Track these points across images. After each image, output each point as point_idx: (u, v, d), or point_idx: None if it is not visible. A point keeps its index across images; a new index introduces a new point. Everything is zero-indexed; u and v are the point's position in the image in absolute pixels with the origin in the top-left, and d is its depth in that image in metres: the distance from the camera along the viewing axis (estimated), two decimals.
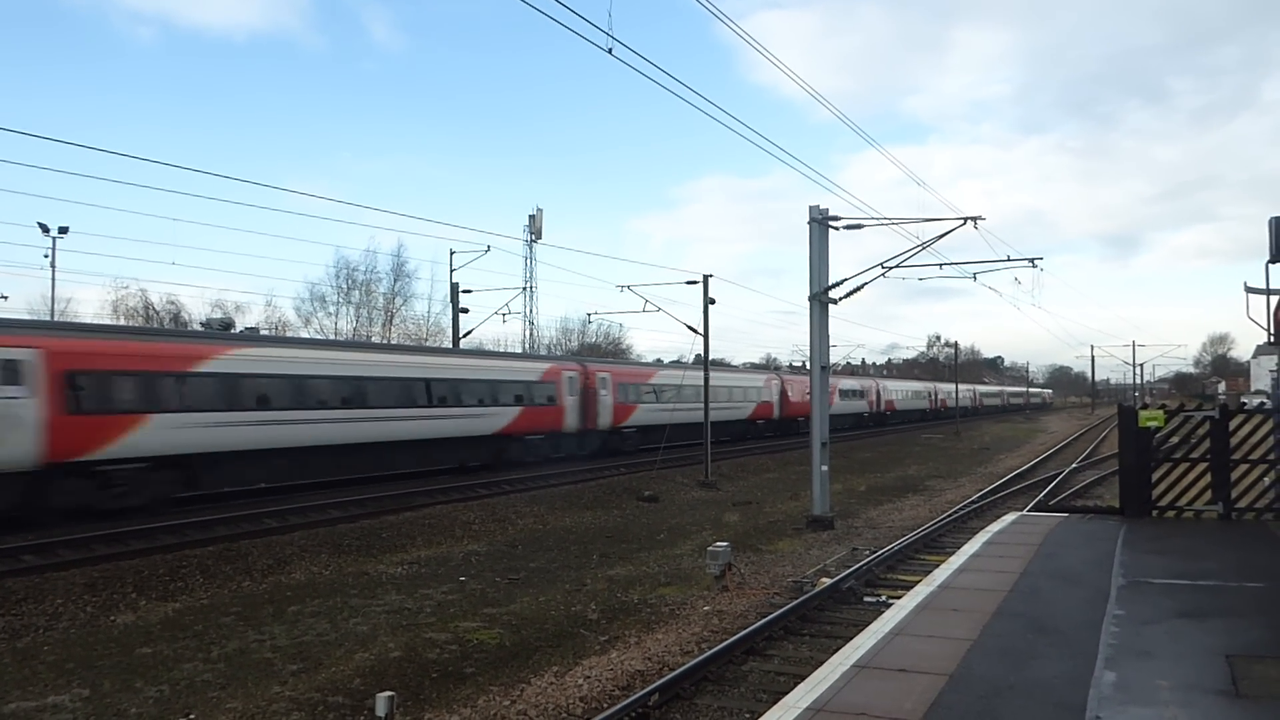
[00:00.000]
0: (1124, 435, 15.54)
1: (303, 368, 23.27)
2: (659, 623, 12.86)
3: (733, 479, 32.77)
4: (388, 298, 56.43)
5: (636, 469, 33.02)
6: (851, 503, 26.63)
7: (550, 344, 68.18)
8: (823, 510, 21.74)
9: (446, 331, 45.78)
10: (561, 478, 29.63)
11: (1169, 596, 9.35)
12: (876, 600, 13.51)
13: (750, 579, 15.60)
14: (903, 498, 28.39)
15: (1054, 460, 41.56)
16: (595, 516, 23.57)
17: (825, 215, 22.00)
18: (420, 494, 24.91)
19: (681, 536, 20.46)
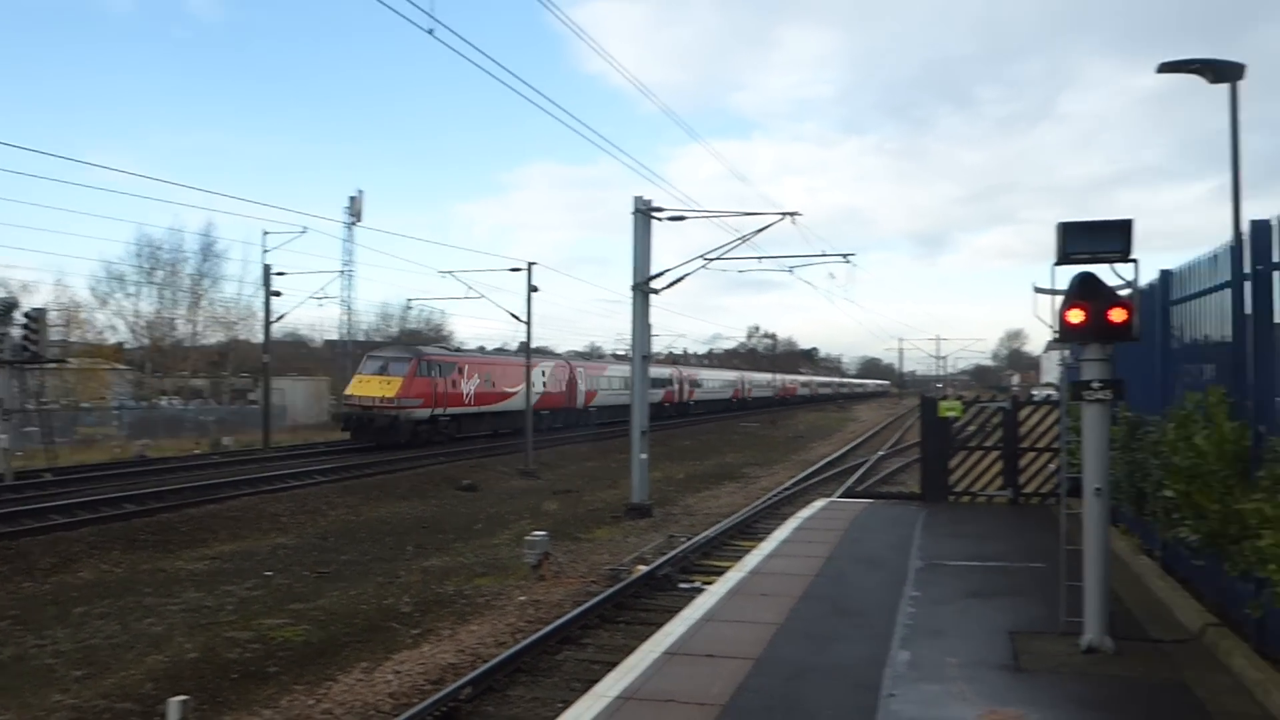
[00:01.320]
0: (925, 425, 16.42)
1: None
2: (474, 614, 12.73)
3: (554, 467, 32.80)
4: (194, 279, 53.62)
5: (456, 458, 32.60)
6: (670, 490, 27.09)
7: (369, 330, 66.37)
8: (641, 498, 22.02)
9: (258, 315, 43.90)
10: (376, 467, 28.94)
11: (961, 578, 9.92)
12: (691, 586, 13.77)
13: (568, 568, 15.65)
14: (720, 485, 29.09)
15: (863, 448, 43.50)
16: (411, 506, 23.13)
17: (649, 206, 22.25)
18: (225, 485, 23.81)
19: (499, 526, 20.32)
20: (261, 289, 37.57)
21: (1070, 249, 6.92)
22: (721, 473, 32.77)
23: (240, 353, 56.53)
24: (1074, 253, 6.93)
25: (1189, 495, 7.12)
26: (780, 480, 29.55)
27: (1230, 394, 7.10)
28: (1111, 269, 6.99)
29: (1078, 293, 6.99)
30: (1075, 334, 7.05)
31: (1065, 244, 6.92)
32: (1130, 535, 11.14)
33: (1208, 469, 6.88)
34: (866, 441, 47.90)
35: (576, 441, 41.87)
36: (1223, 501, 6.70)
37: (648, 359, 23.02)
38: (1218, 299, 7.58)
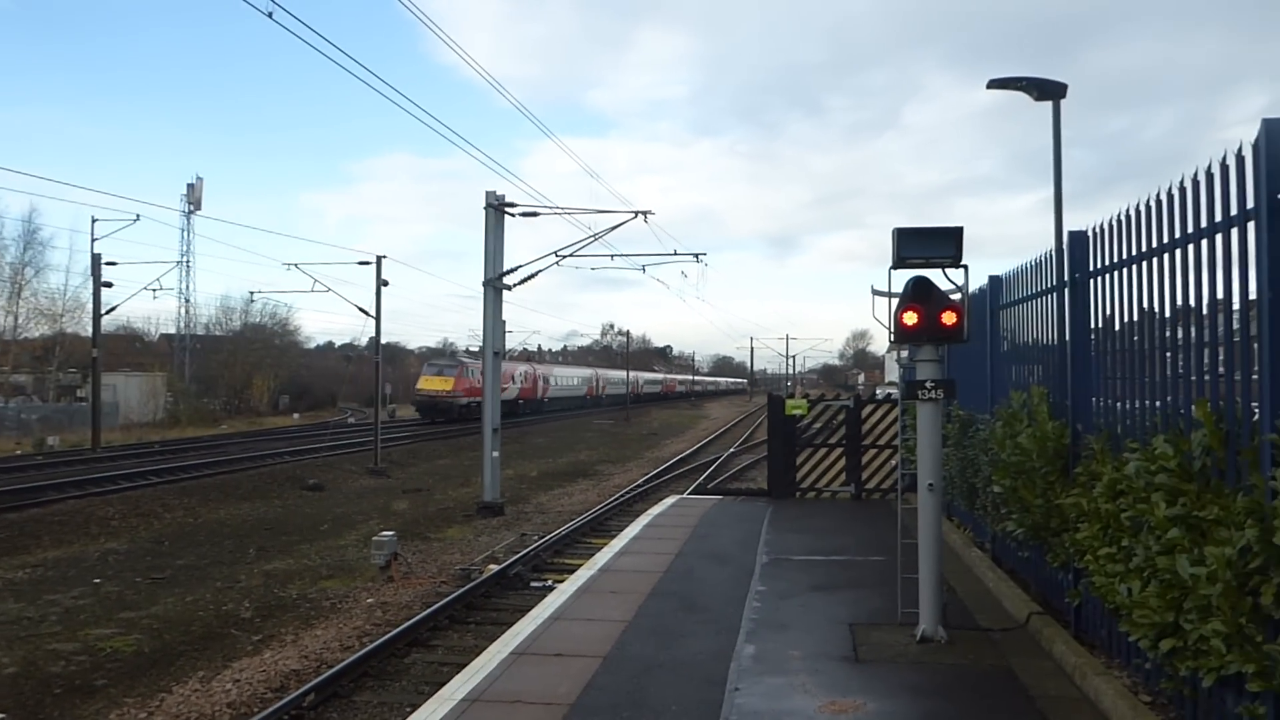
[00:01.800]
0: (772, 423, 16.83)
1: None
2: (319, 618, 12.38)
3: (404, 466, 32.20)
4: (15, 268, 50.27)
5: (301, 456, 31.63)
6: (523, 488, 26.96)
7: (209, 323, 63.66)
8: (494, 496, 21.85)
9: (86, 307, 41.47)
10: (217, 467, 27.80)
11: (805, 572, 10.21)
12: (543, 585, 13.75)
13: (417, 568, 15.39)
14: (573, 482, 29.10)
15: (715, 445, 44.24)
16: (254, 508, 22.32)
17: (501, 202, 22.07)
18: (49, 487, 22.47)
19: (347, 526, 19.83)
20: (90, 279, 35.58)
21: (905, 254, 7.20)
22: (575, 470, 32.80)
23: (68, 347, 53.33)
24: (909, 257, 7.21)
25: (1015, 490, 7.51)
26: (633, 477, 29.78)
27: (1052, 394, 7.53)
28: (944, 274, 7.32)
29: (911, 296, 7.29)
30: (909, 335, 7.35)
31: (900, 249, 7.20)
32: (963, 529, 11.68)
33: (1031, 465, 7.27)
34: (718, 439, 48.75)
35: (429, 439, 41.21)
36: (1045, 496, 7.10)
37: (500, 355, 22.84)
38: (1041, 304, 8.02)
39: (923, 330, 7.29)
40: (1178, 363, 5.29)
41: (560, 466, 33.93)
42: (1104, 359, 6.48)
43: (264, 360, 62.10)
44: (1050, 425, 7.18)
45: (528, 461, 34.79)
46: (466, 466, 31.74)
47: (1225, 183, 4.65)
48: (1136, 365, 5.85)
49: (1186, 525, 4.60)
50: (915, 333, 7.31)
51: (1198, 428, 4.74)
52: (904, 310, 7.27)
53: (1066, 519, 6.53)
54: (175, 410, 51.03)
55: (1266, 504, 4.05)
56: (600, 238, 23.64)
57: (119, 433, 41.58)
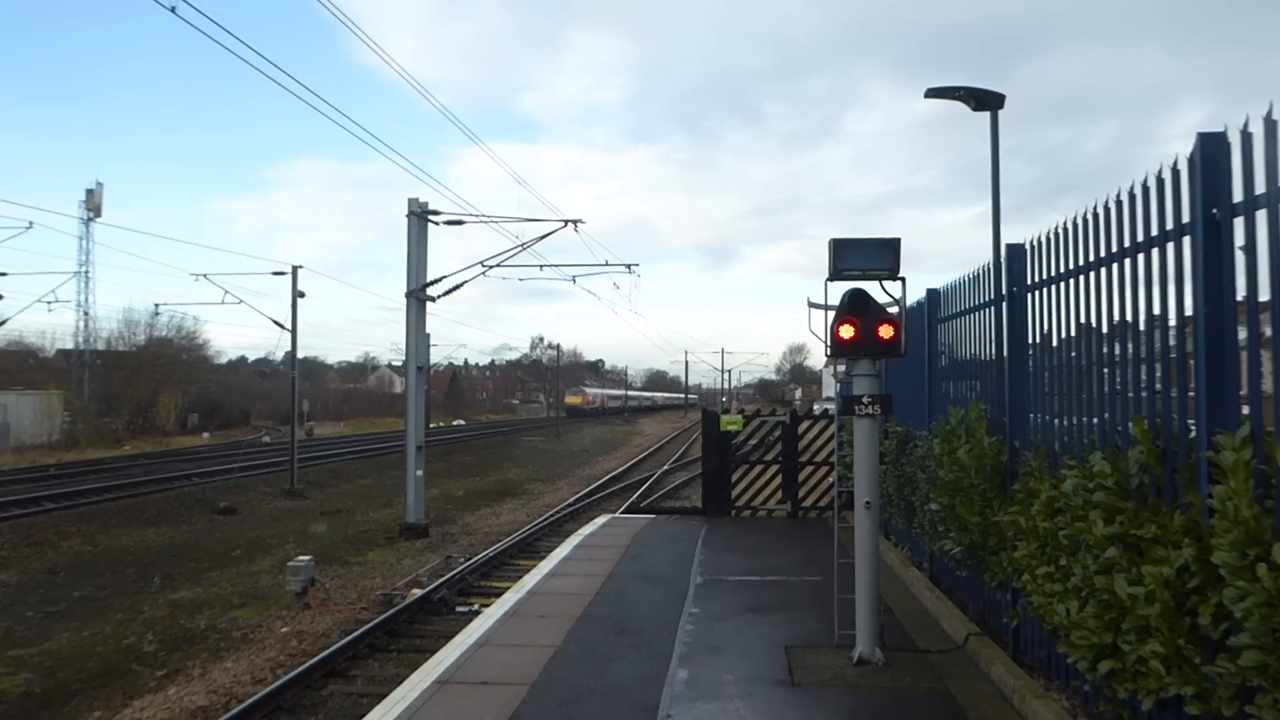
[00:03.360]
0: (707, 439, 16.88)
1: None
2: (230, 650, 12.08)
3: (322, 486, 31.68)
4: None
5: (212, 478, 30.93)
6: (449, 509, 26.70)
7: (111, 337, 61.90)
8: (417, 517, 21.59)
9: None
10: (119, 490, 27.04)
11: (740, 593, 10.23)
12: (469, 610, 13.61)
13: (336, 594, 15.13)
14: (501, 502, 28.90)
15: (649, 462, 44.29)
16: (159, 533, 21.76)
17: (425, 209, 21.89)
18: None
19: (260, 551, 19.43)
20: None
21: (842, 265, 7.27)
22: (503, 489, 32.57)
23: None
24: (846, 269, 7.28)
25: (953, 508, 7.60)
26: (563, 496, 29.65)
27: (990, 410, 7.64)
28: (882, 286, 7.40)
29: (848, 308, 7.36)
30: (846, 349, 7.41)
31: (838, 260, 7.26)
32: (901, 547, 11.81)
33: (969, 483, 7.37)
34: (652, 456, 48.80)
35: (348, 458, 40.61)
36: (983, 514, 7.20)
37: (424, 370, 22.61)
38: (978, 318, 8.15)
39: (860, 344, 7.37)
40: (1115, 379, 5.40)
41: (488, 485, 33.66)
42: (1041, 375, 6.59)
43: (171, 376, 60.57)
44: (988, 442, 7.29)
45: (454, 480, 34.46)
46: (389, 486, 31.32)
47: (1161, 197, 4.75)
48: (1074, 381, 5.95)
49: (1124, 544, 4.68)
50: (852, 346, 7.38)
51: (1135, 445, 4.83)
52: (840, 323, 7.34)
53: (1004, 537, 6.63)
54: (73, 431, 49.49)
55: (1203, 523, 4.13)
56: (529, 247, 23.58)
57: (10, 455, 40.28)
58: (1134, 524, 4.65)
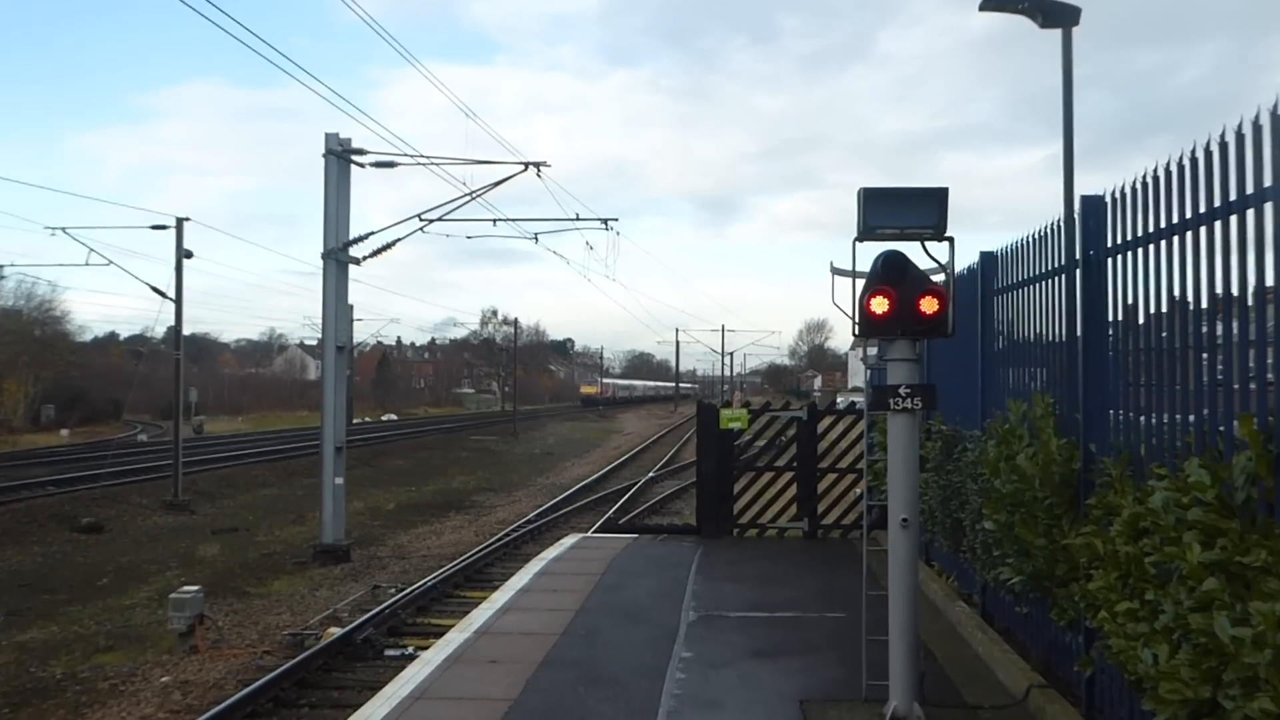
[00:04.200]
0: (703, 439, 16.90)
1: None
2: (94, 705, 12.07)
3: (215, 498, 31.65)
4: None
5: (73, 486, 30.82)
6: (376, 526, 26.72)
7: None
8: (336, 537, 21.58)
9: None
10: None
11: (743, 632, 10.26)
12: (401, 654, 13.62)
13: (232, 634, 15.12)
14: (443, 518, 28.93)
15: (629, 468, 44.38)
16: (4, 556, 21.69)
17: (347, 147, 21.83)
18: None
19: (135, 580, 19.41)
20: None
21: (874, 222, 7.26)
22: (445, 501, 32.60)
23: None
24: (879, 226, 7.27)
25: (1011, 528, 7.63)
26: (522, 511, 29.70)
27: (1059, 405, 7.66)
28: (924, 248, 7.40)
29: (881, 276, 7.35)
30: (879, 327, 7.41)
31: (869, 216, 7.25)
32: (946, 576, 11.86)
33: (1032, 496, 7.39)
34: (633, 460, 48.89)
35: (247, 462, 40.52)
36: (1049, 535, 7.22)
37: (346, 351, 22.56)
38: (1045, 289, 8.16)
39: (896, 320, 7.36)
40: (1217, 366, 5.38)
41: (426, 496, 33.68)
42: (1124, 361, 6.60)
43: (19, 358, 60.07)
44: (1056, 444, 7.30)
45: (383, 490, 34.47)
46: (299, 497, 31.31)
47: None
48: (1166, 369, 5.94)
49: (1226, 574, 4.68)
50: (886, 324, 7.37)
51: (1241, 449, 4.82)
52: (872, 294, 7.33)
53: (1076, 564, 6.64)
54: None
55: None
56: (479, 197, 23.53)
57: None
58: (1239, 549, 4.65)
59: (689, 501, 29.77)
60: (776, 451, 17.17)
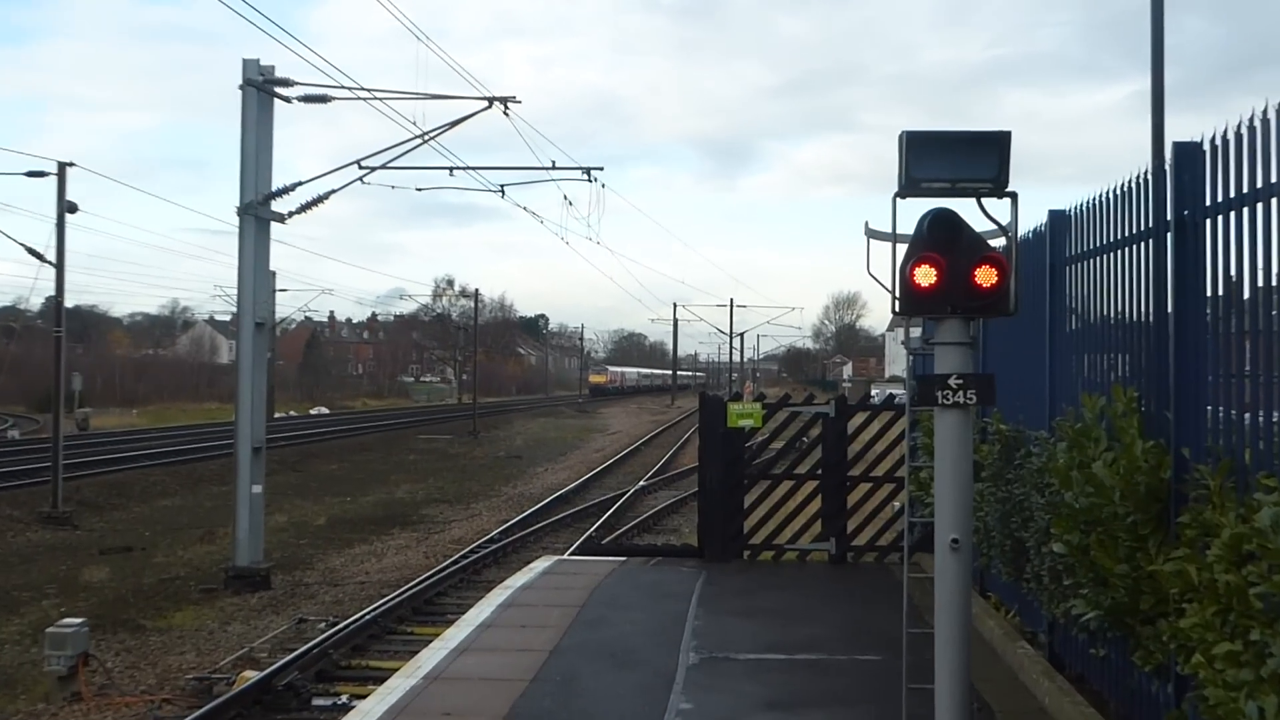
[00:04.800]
0: (707, 440, 16.88)
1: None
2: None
3: (104, 509, 31.64)
4: None
5: None
6: (303, 545, 26.70)
7: None
8: (253, 558, 21.55)
9: None
10: None
11: (756, 679, 10.27)
12: (333, 703, 13.62)
13: (124, 678, 15.11)
14: (386, 535, 28.91)
15: (615, 475, 44.35)
16: None
17: (270, 77, 21.74)
18: None
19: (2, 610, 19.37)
20: None
21: (919, 173, 7.23)
22: (389, 514, 32.60)
23: None
24: (926, 179, 7.24)
25: (1085, 551, 7.63)
26: (483, 527, 29.70)
27: (1144, 400, 7.65)
28: (980, 206, 7.38)
29: (928, 240, 7.31)
30: (924, 303, 7.37)
31: (913, 165, 7.21)
32: (1005, 610, 11.87)
33: (1111, 511, 7.39)
34: (621, 464, 48.90)
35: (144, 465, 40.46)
36: (1131, 561, 7.22)
37: (266, 328, 22.52)
38: (1129, 257, 8.15)
39: (945, 295, 7.34)
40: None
41: (364, 509, 33.67)
42: (1226, 346, 6.59)
43: None
44: (1141, 448, 7.30)
45: (312, 501, 34.46)
46: (207, 509, 31.30)
47: None
48: (1277, 356, 5.92)
49: None
50: (933, 299, 7.35)
51: None
52: (916, 263, 7.30)
53: (1165, 596, 6.65)
54: None
55: None
56: (433, 139, 23.46)
57: None
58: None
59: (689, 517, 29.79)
60: (797, 455, 17.20)
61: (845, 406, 17.13)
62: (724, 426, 16.74)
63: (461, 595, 19.87)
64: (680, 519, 30.67)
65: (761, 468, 17.06)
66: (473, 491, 39.31)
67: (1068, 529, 7.84)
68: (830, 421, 16.70)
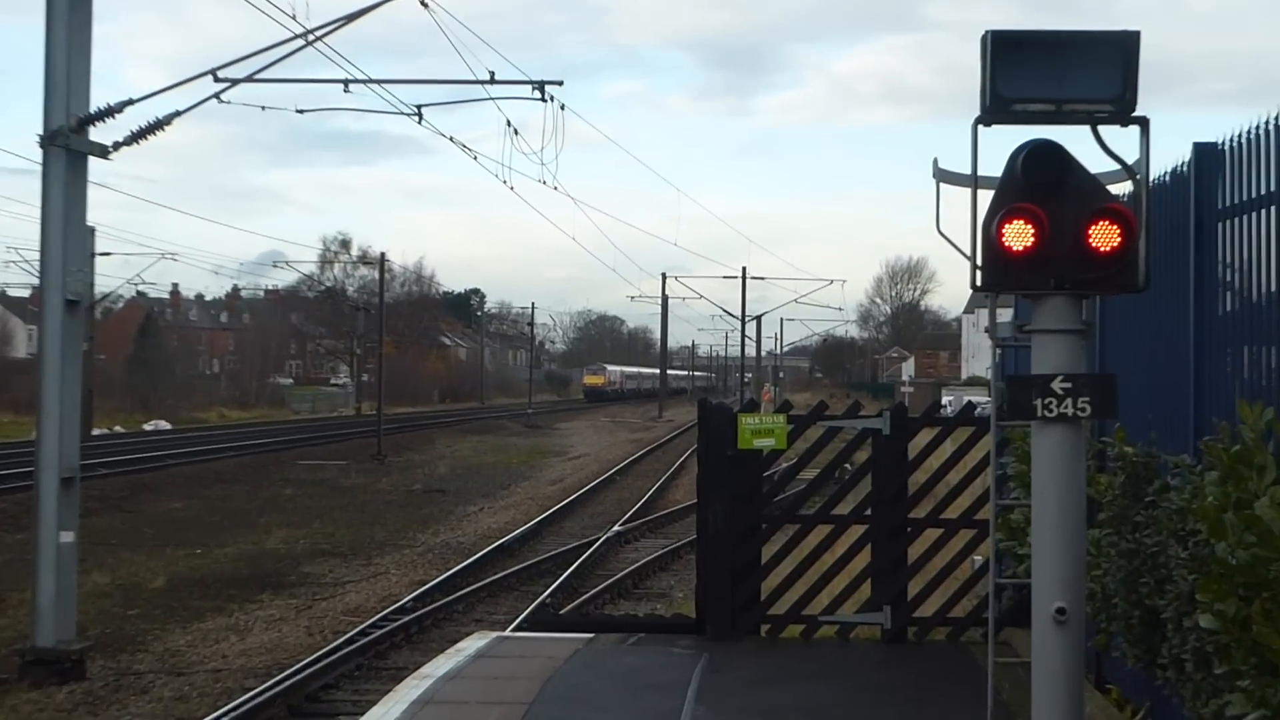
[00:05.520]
0: (709, 467, 16.76)
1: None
2: None
3: None
4: None
5: None
6: (134, 616, 26.65)
7: None
8: (61, 636, 21.49)
9: None
10: None
11: None
12: None
13: None
14: (252, 602, 28.87)
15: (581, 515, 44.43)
16: None
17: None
18: None
19: None
20: None
21: (1008, 89, 7.24)
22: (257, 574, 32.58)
23: None
24: (1017, 98, 7.26)
25: (1246, 625, 7.65)
26: (391, 591, 29.73)
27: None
28: (1096, 136, 7.39)
29: (1024, 185, 7.33)
30: (1018, 273, 7.39)
31: (998, 79, 7.22)
32: (1130, 708, 11.90)
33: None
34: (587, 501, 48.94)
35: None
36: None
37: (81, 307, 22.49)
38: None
39: (1048, 262, 7.36)
40: None
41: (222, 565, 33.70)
42: None
43: None
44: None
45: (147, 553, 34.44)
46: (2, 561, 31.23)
47: None
48: None
49: None
50: (1031, 267, 7.37)
51: None
52: (1006, 217, 7.32)
53: None
54: None
55: None
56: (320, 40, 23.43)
57: None
58: None
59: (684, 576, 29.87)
60: (837, 490, 17.17)
61: (905, 420, 17.09)
62: (734, 448, 16.71)
63: (359, 689, 19.88)
64: (672, 578, 30.74)
65: (786, 506, 17.05)
66: (377, 540, 39.26)
67: (1220, 594, 7.86)
68: (884, 442, 16.67)
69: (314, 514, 44.97)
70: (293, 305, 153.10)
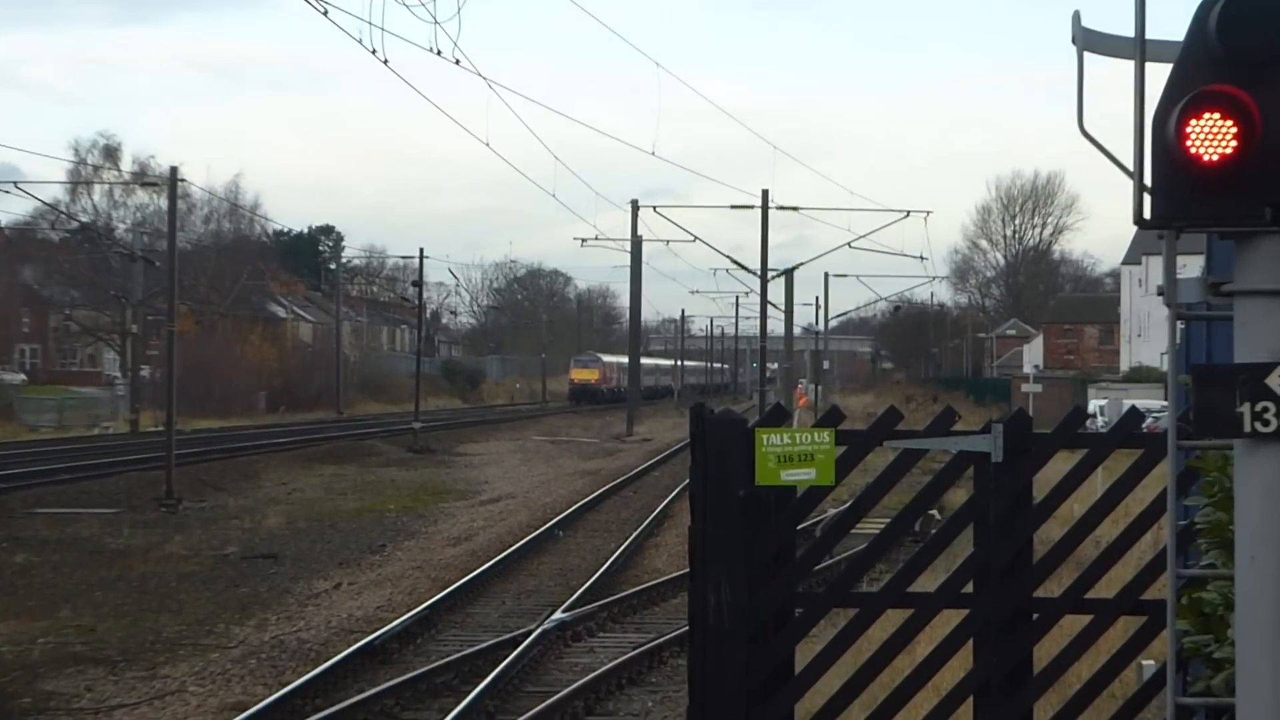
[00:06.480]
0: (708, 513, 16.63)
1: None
2: None
3: None
4: None
5: None
6: None
7: None
8: None
9: None
10: None
11: None
12: None
13: None
14: None
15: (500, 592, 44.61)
16: None
17: None
18: None
19: None
20: None
21: None
22: None
23: None
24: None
25: None
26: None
27: None
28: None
29: (1217, 58, 7.33)
30: (1211, 195, 7.37)
31: None
32: None
33: None
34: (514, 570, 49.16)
35: None
36: None
37: None
38: None
39: (1260, 179, 7.34)
40: None
41: None
42: None
43: None
44: None
45: None
46: None
47: None
48: None
49: None
50: (1233, 186, 7.36)
51: None
52: (1192, 108, 7.31)
53: None
54: None
55: None
56: None
57: None
58: None
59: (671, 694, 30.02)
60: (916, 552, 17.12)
61: (1029, 439, 17.03)
62: (750, 485, 16.62)
63: None
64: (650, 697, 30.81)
65: (835, 580, 17.06)
66: (166, 638, 39.22)
67: None
68: (995, 474, 16.62)
69: (62, 595, 44.94)
70: (26, 252, 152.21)
